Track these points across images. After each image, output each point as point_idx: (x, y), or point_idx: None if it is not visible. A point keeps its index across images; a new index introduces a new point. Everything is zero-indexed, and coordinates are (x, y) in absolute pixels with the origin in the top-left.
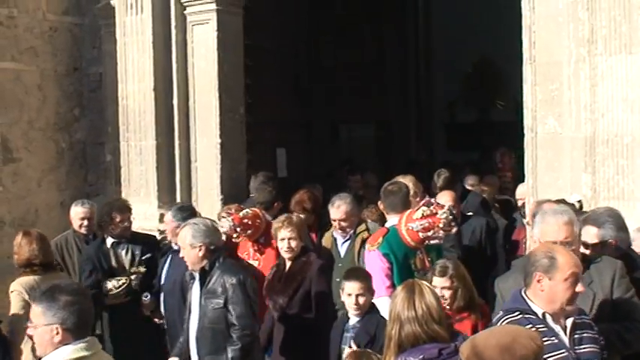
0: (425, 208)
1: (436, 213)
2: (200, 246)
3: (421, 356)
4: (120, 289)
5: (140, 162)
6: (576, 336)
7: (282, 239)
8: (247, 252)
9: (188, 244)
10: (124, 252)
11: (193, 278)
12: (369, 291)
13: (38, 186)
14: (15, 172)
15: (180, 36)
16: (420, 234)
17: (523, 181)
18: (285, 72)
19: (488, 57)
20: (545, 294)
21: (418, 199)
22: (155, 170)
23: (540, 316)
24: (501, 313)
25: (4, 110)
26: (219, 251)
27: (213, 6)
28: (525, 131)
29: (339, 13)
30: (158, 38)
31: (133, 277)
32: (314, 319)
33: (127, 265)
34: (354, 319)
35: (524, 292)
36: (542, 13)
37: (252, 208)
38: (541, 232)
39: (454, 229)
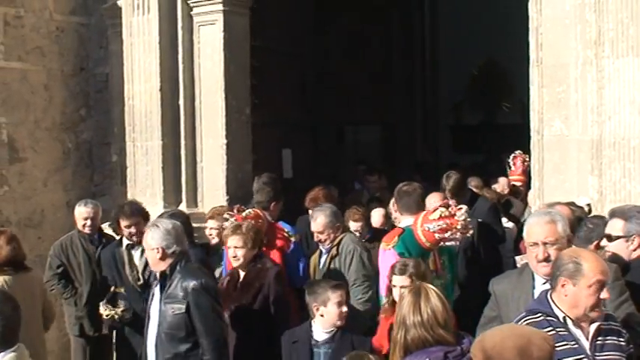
0: (443, 209)
1: (454, 214)
2: (157, 248)
3: (427, 359)
4: (108, 317)
5: (146, 162)
6: (599, 342)
7: (229, 248)
8: None
9: (147, 246)
10: (137, 254)
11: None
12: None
13: (44, 186)
14: (21, 172)
15: (187, 36)
16: (437, 235)
17: None
18: (291, 73)
19: (494, 59)
20: (569, 299)
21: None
22: (161, 170)
23: (561, 320)
24: (524, 313)
25: (10, 110)
26: (181, 255)
27: (220, 7)
28: (532, 133)
29: (345, 14)
30: (165, 39)
31: (120, 314)
32: (272, 326)
33: (140, 269)
34: (322, 335)
35: (550, 295)
36: (549, 15)
37: (254, 209)
38: (526, 234)
39: (470, 232)
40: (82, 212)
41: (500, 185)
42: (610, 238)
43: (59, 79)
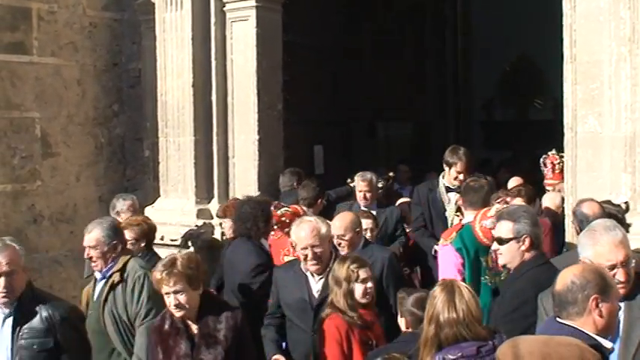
0: (498, 205)
1: None
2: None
3: (459, 354)
4: None
5: (178, 158)
6: None
7: (167, 295)
8: (287, 248)
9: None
10: None
11: None
12: None
13: (77, 180)
14: (54, 166)
15: (220, 32)
16: (493, 232)
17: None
18: (323, 69)
19: (527, 55)
20: (604, 319)
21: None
22: (193, 166)
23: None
24: None
25: (43, 105)
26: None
27: (253, 2)
28: (565, 130)
29: (378, 11)
30: (197, 34)
31: None
32: None
33: None
34: None
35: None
36: (583, 12)
37: (293, 206)
38: (595, 255)
39: None
40: (126, 204)
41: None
42: (501, 242)
43: (92, 75)
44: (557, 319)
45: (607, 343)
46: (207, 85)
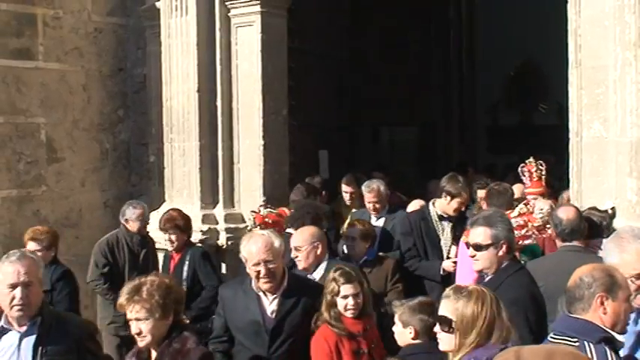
0: (522, 205)
1: (532, 212)
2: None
3: (485, 357)
4: None
5: (183, 163)
6: None
7: (130, 320)
8: None
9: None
10: None
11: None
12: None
13: (82, 186)
14: (59, 171)
15: (225, 38)
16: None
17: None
18: (327, 74)
19: (532, 60)
20: (609, 317)
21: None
22: (198, 171)
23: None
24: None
25: (49, 110)
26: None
27: (258, 8)
28: (570, 135)
29: (382, 15)
30: (202, 40)
31: None
32: None
33: None
34: None
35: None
36: (588, 17)
37: (281, 208)
38: (621, 262)
39: (549, 232)
40: (138, 214)
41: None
42: (479, 248)
43: (97, 80)
44: (569, 314)
45: (620, 337)
46: (212, 91)
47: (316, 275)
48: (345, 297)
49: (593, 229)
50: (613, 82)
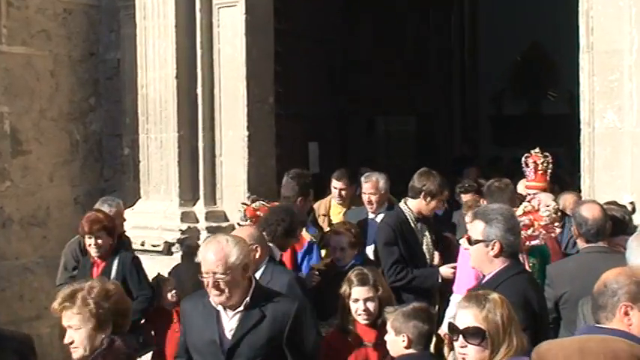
0: (526, 203)
1: (538, 210)
2: None
3: None
4: None
5: (160, 156)
6: None
7: (65, 327)
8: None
9: None
10: None
11: None
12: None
13: (50, 181)
14: (25, 165)
15: (205, 19)
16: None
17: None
18: (318, 59)
19: (540, 44)
20: (636, 327)
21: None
22: (177, 165)
23: None
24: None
25: (13, 98)
26: None
27: None
28: (582, 126)
29: None
30: (181, 22)
31: None
32: None
33: None
34: None
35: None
36: None
37: (273, 202)
38: None
39: (558, 230)
40: (112, 211)
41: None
42: (470, 242)
43: (66, 65)
44: (596, 324)
45: None
46: (192, 77)
47: None
48: (356, 300)
49: (616, 225)
50: (628, 67)
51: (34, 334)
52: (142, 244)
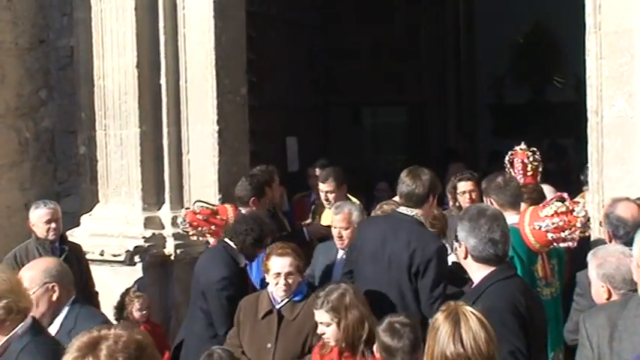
0: (559, 203)
1: (572, 210)
2: None
3: None
4: None
5: (121, 155)
6: None
7: None
8: None
9: None
10: None
11: None
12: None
13: None
14: None
15: (169, 1)
16: (550, 235)
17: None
18: (296, 45)
19: (544, 24)
20: None
21: None
22: (139, 165)
23: None
24: None
25: None
26: None
27: None
28: (589, 115)
29: None
30: (141, 3)
31: None
32: None
33: None
34: None
35: None
36: None
37: (225, 204)
38: None
39: (589, 232)
40: (41, 215)
41: None
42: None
43: (13, 54)
44: None
45: None
46: (154, 66)
47: (52, 329)
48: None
49: None
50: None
51: None
52: (102, 254)
